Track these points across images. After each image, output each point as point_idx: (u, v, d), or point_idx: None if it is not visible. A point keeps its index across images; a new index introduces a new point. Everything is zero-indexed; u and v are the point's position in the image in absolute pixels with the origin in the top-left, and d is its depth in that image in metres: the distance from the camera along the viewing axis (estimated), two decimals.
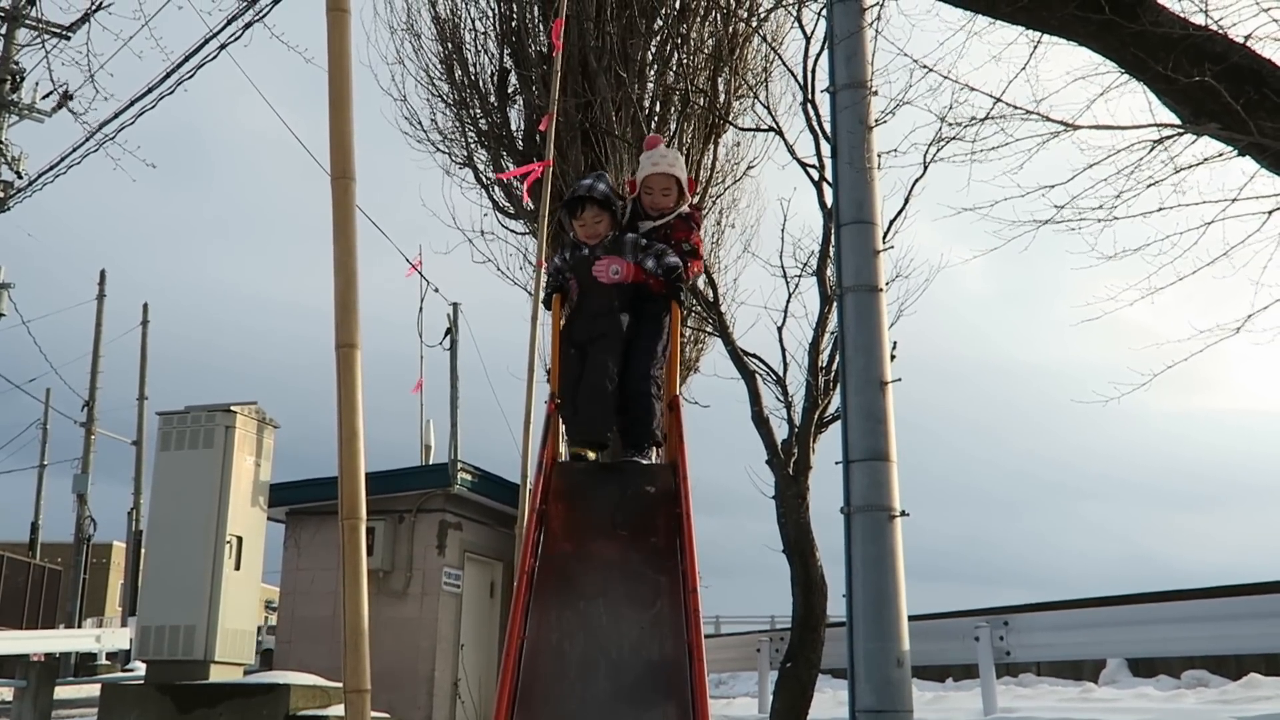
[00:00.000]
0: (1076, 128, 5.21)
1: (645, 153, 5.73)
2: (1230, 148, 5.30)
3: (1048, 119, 5.32)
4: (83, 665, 21.72)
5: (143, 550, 14.29)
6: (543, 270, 8.87)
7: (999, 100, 5.44)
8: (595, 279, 5.20)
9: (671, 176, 5.55)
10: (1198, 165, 5.31)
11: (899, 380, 6.89)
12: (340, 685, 3.19)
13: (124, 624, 23.22)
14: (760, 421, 9.90)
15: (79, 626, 25.24)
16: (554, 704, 3.70)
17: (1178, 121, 5.34)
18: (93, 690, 13.67)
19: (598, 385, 5.00)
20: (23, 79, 19.67)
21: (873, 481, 6.61)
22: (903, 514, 6.59)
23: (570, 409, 5.12)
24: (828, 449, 9.76)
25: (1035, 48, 5.43)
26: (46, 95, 19.59)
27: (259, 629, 16.67)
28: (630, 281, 5.23)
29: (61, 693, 12.16)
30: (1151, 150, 5.24)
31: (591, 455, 5.06)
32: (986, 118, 5.49)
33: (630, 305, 5.25)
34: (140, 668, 12.48)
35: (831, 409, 9.70)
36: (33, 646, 19.72)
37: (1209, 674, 12.31)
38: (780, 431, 9.92)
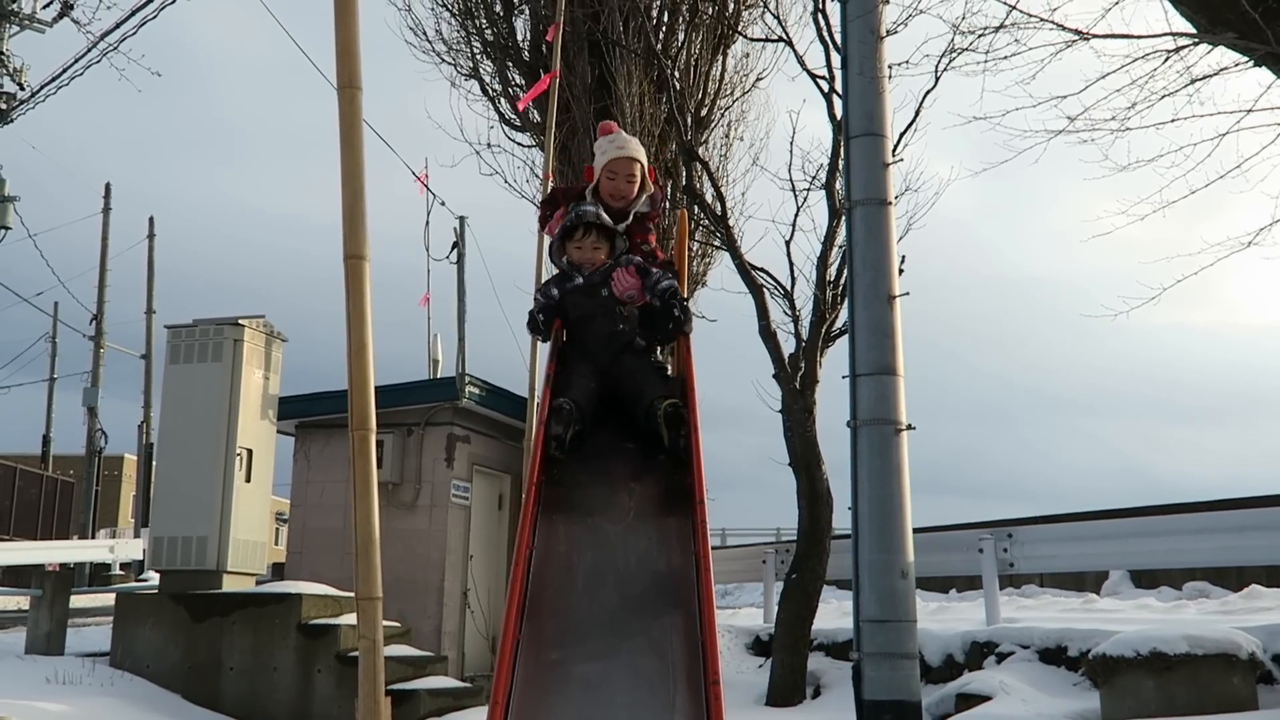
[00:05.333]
0: (1091, 36, 5.14)
1: (602, 138, 5.41)
2: (1246, 58, 5.22)
3: (1062, 27, 5.26)
4: (97, 575, 22.01)
5: (154, 463, 14.42)
6: (549, 183, 8.81)
7: (1014, 8, 5.37)
8: (605, 298, 4.88)
9: (635, 161, 5.28)
10: (1213, 75, 5.25)
11: (907, 294, 6.87)
12: (351, 595, 3.23)
13: (136, 535, 23.47)
14: (768, 335, 9.91)
15: (92, 537, 25.54)
16: (562, 614, 3.73)
17: (1193, 31, 5.26)
18: (108, 599, 13.89)
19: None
20: None
21: (879, 395, 6.62)
22: (909, 427, 6.62)
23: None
24: (835, 363, 9.79)
25: None
26: (47, 4, 19.37)
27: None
28: (639, 304, 4.99)
29: (77, 601, 12.34)
30: (1166, 60, 5.18)
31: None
32: (1001, 27, 5.42)
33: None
34: (154, 578, 12.67)
35: (839, 323, 9.71)
36: (48, 557, 19.97)
37: (1210, 585, 12.44)
38: (787, 345, 9.94)
